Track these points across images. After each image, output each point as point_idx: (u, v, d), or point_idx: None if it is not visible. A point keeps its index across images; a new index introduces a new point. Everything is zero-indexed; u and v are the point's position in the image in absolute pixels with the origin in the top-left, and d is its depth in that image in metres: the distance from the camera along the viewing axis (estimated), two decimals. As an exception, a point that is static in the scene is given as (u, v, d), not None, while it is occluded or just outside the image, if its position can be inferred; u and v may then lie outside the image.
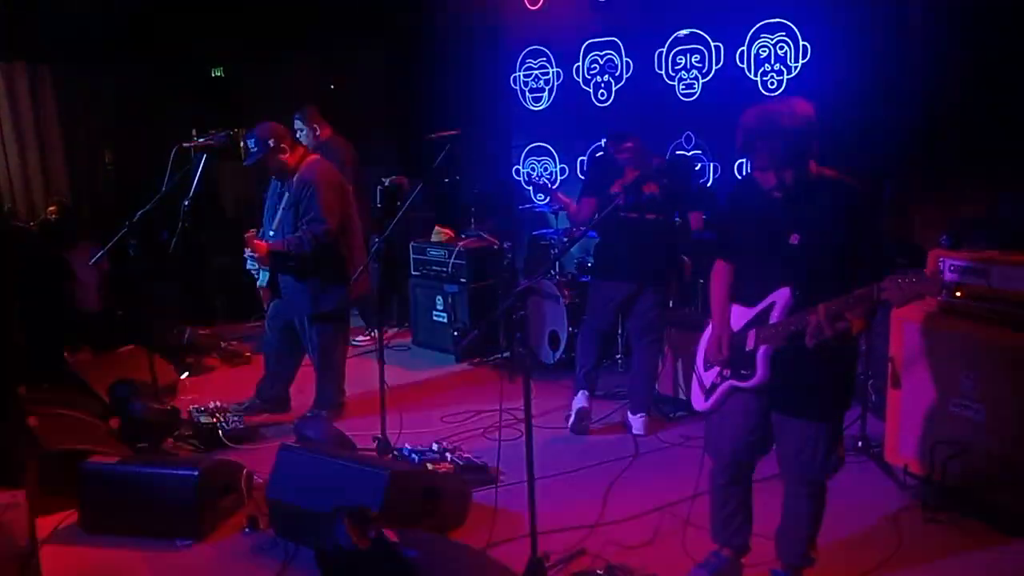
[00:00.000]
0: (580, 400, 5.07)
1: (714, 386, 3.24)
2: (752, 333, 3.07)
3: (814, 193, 2.93)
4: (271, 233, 4.96)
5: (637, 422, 4.95)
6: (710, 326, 3.30)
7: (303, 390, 5.47)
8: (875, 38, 5.08)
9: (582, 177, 6.08)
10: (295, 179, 4.97)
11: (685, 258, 5.51)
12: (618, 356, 6.12)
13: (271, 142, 4.92)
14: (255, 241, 4.86)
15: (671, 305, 5.49)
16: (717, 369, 3.23)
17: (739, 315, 3.16)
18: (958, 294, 3.90)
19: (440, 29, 7.80)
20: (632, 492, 4.22)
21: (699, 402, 3.34)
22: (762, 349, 3.03)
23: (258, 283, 5.11)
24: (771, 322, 3.01)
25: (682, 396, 5.21)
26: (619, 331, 5.94)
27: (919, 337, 4.03)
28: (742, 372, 3.11)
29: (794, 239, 2.95)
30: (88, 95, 8.34)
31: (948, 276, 3.93)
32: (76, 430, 4.45)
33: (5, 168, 8.19)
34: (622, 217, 4.71)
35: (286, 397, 5.43)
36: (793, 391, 3.04)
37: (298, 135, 6.36)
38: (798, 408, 3.05)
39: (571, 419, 5.05)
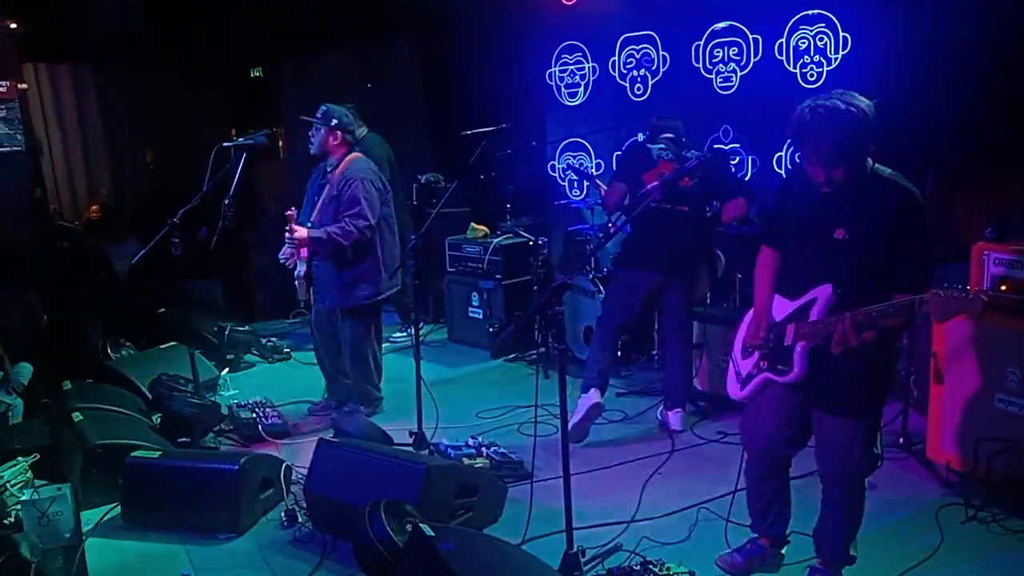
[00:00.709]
0: (591, 397, 4.72)
1: (750, 376, 3.21)
2: (791, 328, 3.03)
3: (866, 190, 2.87)
4: (310, 223, 5.00)
5: (674, 418, 4.92)
6: (750, 312, 3.28)
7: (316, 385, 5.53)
8: (915, 28, 4.97)
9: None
10: (337, 173, 5.04)
11: (719, 252, 5.46)
12: (654, 352, 6.08)
13: (334, 122, 5.06)
14: (295, 225, 4.92)
15: (707, 300, 5.45)
16: (755, 358, 3.19)
17: (781, 306, 3.13)
18: (1003, 288, 3.82)
19: (475, 26, 7.80)
20: (668, 488, 4.20)
21: (735, 390, 3.32)
22: (800, 345, 3.00)
23: (296, 273, 5.14)
24: (811, 319, 2.97)
25: (719, 393, 5.16)
26: (654, 327, 5.90)
27: (962, 332, 3.95)
28: (779, 367, 3.08)
29: (839, 233, 2.90)
30: (130, 96, 8.48)
31: (992, 270, 3.86)
32: (119, 425, 4.53)
33: (51, 168, 8.37)
34: (653, 207, 4.61)
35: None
36: (830, 387, 3.01)
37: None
38: (835, 404, 3.02)
39: (575, 419, 4.66)
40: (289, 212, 4.98)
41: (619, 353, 5.28)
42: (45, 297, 6.38)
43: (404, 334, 7.09)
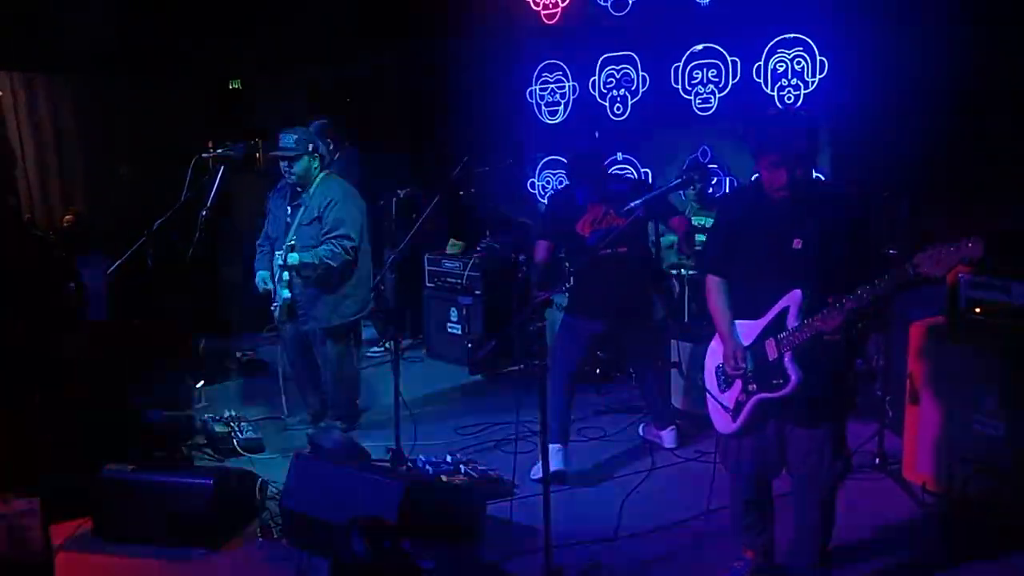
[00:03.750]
0: (555, 458, 4.38)
1: (739, 404, 3.19)
2: (771, 342, 3.05)
3: (816, 199, 3.02)
4: (291, 243, 4.95)
5: (668, 436, 4.90)
6: (713, 346, 3.29)
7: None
8: (892, 53, 5.06)
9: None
10: (314, 192, 5.01)
11: (674, 282, 5.47)
12: (631, 370, 6.09)
13: (311, 146, 5.01)
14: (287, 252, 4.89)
15: (665, 323, 5.40)
16: (739, 387, 3.19)
17: (747, 330, 3.15)
18: (977, 310, 3.87)
19: (456, 43, 7.83)
20: (648, 506, 4.19)
21: (726, 425, 3.25)
22: (787, 354, 3.02)
23: (275, 303, 5.09)
24: (790, 326, 3.00)
25: (691, 409, 5.17)
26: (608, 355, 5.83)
27: (938, 353, 4.00)
28: (773, 382, 3.07)
29: (796, 243, 3.00)
30: (106, 105, 8.40)
31: (967, 293, 3.91)
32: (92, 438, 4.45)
33: (24, 178, 8.26)
34: (594, 256, 4.40)
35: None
36: (804, 399, 3.05)
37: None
38: (808, 416, 3.08)
39: (535, 475, 4.34)
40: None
41: (574, 397, 4.78)
42: (12, 309, 6.26)
43: (380, 350, 7.06)
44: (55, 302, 6.78)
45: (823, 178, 3.15)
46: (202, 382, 6.30)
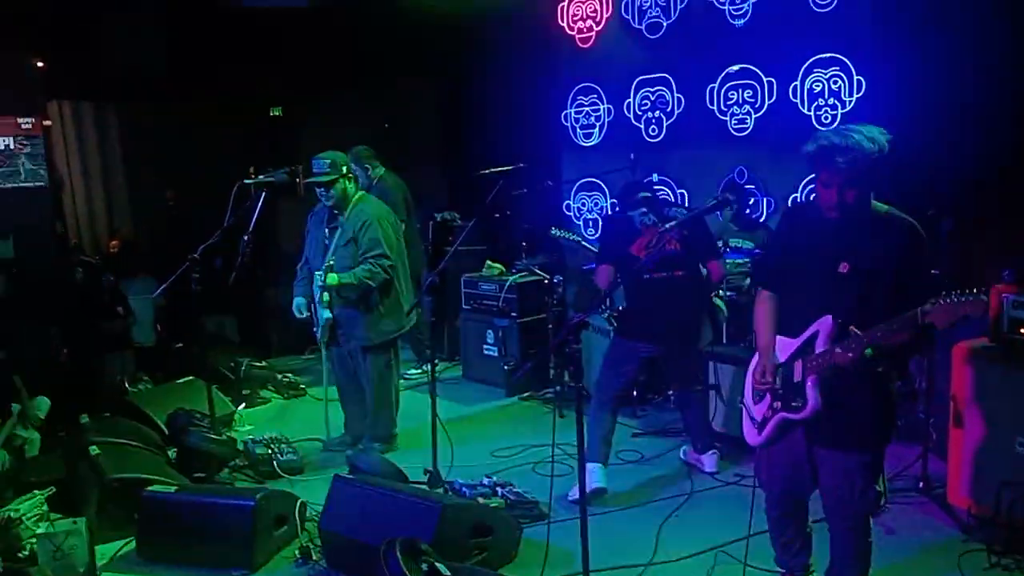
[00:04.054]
0: (594, 476, 4.46)
1: (765, 419, 3.21)
2: (799, 364, 3.04)
3: (869, 224, 2.93)
4: (325, 266, 5.03)
5: (710, 460, 4.87)
6: (754, 358, 3.29)
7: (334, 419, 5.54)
8: (930, 72, 5.02)
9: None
10: (349, 214, 5.09)
11: (718, 303, 5.45)
12: (670, 392, 6.05)
13: (344, 168, 5.10)
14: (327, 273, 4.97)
15: (711, 348, 5.37)
16: (767, 402, 3.19)
17: (784, 347, 3.14)
18: (1022, 331, 3.80)
19: (492, 66, 7.91)
20: (686, 531, 4.16)
21: (752, 437, 3.30)
22: (810, 379, 3.00)
23: (318, 325, 5.18)
24: (816, 351, 2.98)
25: (734, 434, 5.12)
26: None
27: (982, 375, 3.93)
28: (793, 404, 3.07)
29: (843, 267, 2.95)
30: (151, 133, 8.61)
31: (1011, 312, 3.84)
32: (136, 459, 4.54)
33: (72, 204, 8.48)
34: (648, 279, 4.51)
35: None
36: (832, 423, 3.03)
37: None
38: (836, 440, 3.05)
39: (573, 496, 4.41)
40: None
41: (617, 419, 4.81)
42: (64, 331, 6.43)
43: (419, 371, 7.10)
44: (102, 327, 6.97)
45: (883, 206, 3.02)
46: (243, 404, 6.40)
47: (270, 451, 5.03)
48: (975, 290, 2.61)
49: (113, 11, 7.24)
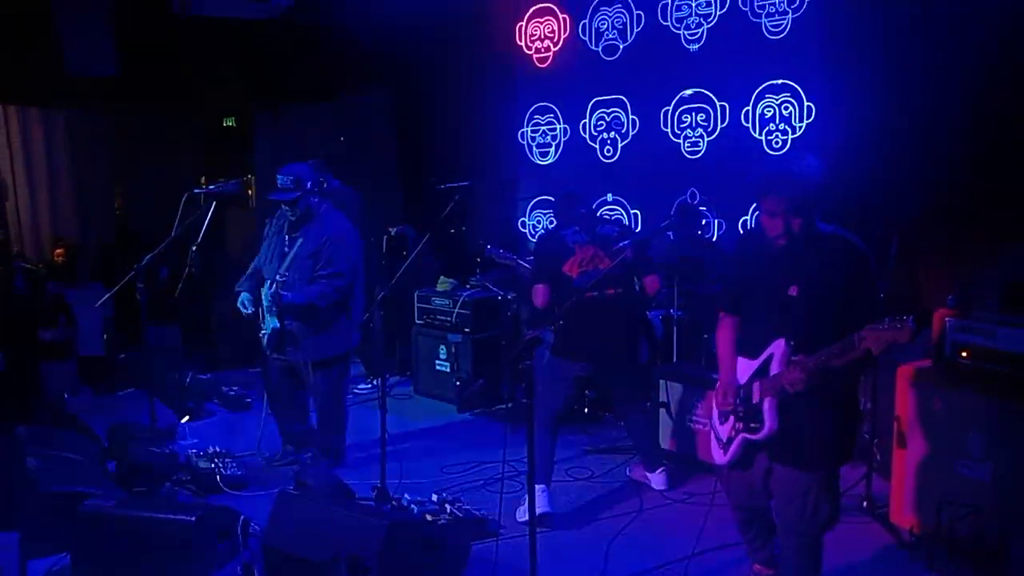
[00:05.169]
0: (541, 501, 4.33)
1: (730, 439, 3.28)
2: (756, 385, 3.09)
3: (816, 247, 3.01)
4: (284, 273, 4.96)
5: (658, 478, 4.84)
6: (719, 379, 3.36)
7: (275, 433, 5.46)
8: (879, 98, 5.14)
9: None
10: (314, 227, 5.01)
11: (658, 323, 5.48)
12: (616, 413, 6.06)
13: (309, 184, 5.02)
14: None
15: (651, 364, 5.37)
16: (731, 422, 3.26)
17: (744, 368, 3.21)
18: (964, 354, 3.89)
19: (449, 82, 7.92)
20: (635, 548, 4.15)
21: (718, 456, 3.36)
22: (767, 401, 3.05)
23: (263, 331, 5.10)
24: (771, 373, 3.04)
25: (684, 452, 5.15)
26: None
27: (925, 397, 4.01)
28: (751, 425, 3.13)
29: (793, 290, 3.03)
30: (100, 141, 8.46)
31: (953, 336, 3.93)
32: (73, 472, 4.41)
33: (15, 211, 8.28)
34: (581, 298, 4.25)
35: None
36: (788, 440, 3.08)
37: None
38: (790, 458, 3.11)
39: (521, 518, 4.35)
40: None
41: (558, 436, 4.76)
42: (2, 340, 6.25)
43: (368, 386, 7.03)
44: (43, 336, 6.78)
45: (828, 226, 3.10)
46: (187, 417, 6.26)
47: (213, 465, 4.93)
48: (904, 317, 2.68)
49: (61, 14, 7.11)
